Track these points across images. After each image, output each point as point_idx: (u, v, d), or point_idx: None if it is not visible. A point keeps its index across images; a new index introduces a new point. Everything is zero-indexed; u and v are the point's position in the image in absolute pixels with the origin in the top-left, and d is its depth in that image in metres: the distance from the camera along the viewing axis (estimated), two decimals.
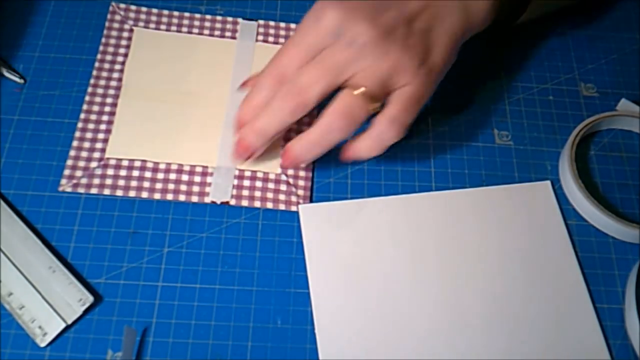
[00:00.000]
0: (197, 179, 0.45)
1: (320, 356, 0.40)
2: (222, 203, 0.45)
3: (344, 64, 0.40)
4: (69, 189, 0.44)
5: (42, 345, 0.39)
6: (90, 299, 0.40)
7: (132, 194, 0.44)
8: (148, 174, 0.45)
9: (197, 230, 0.44)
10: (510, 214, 0.45)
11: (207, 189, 0.45)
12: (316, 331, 0.41)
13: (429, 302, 0.42)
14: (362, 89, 0.39)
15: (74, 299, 0.40)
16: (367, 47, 0.39)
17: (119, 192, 0.44)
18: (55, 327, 0.40)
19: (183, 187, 0.45)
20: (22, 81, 0.48)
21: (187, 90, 0.49)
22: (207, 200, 0.44)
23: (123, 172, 0.45)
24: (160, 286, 0.42)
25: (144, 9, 0.52)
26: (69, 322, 0.40)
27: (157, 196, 0.44)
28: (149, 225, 0.44)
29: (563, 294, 0.43)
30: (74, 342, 0.40)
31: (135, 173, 0.45)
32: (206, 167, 0.46)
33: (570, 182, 0.46)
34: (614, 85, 0.52)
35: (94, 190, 0.44)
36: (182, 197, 0.44)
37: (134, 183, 0.44)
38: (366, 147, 0.41)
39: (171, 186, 0.45)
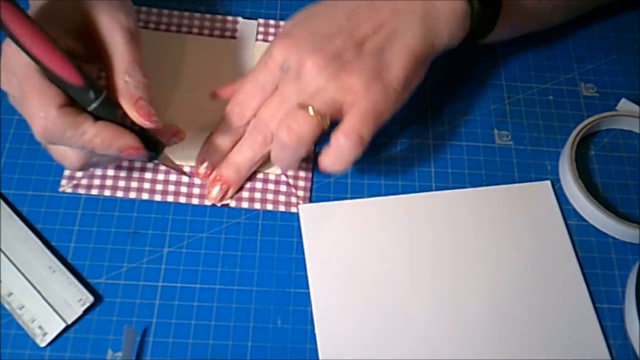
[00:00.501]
0: (198, 180, 0.45)
1: (320, 356, 0.40)
2: (222, 205, 0.45)
3: (295, 93, 0.42)
4: (69, 190, 0.44)
5: (42, 345, 0.39)
6: (90, 299, 0.40)
7: (132, 195, 0.44)
8: (148, 175, 0.45)
9: (197, 231, 0.44)
10: (510, 214, 0.45)
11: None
12: (316, 331, 0.41)
13: (428, 301, 0.42)
14: (309, 107, 0.40)
15: (74, 299, 0.40)
16: (312, 74, 0.41)
17: (120, 194, 0.44)
18: (55, 327, 0.40)
19: (183, 189, 0.45)
20: None
21: (187, 90, 0.49)
22: (208, 202, 0.44)
23: (123, 173, 0.45)
24: (160, 286, 0.42)
25: (144, 8, 0.52)
26: (69, 322, 0.40)
27: (157, 198, 0.44)
28: (149, 225, 0.44)
29: (563, 294, 0.43)
30: (74, 342, 0.40)
31: (136, 174, 0.45)
32: None
33: (570, 182, 0.46)
34: (614, 85, 0.52)
35: (94, 192, 0.44)
36: (182, 199, 0.44)
37: (134, 184, 0.44)
38: (329, 161, 0.41)
39: (171, 188, 0.45)
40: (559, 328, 0.42)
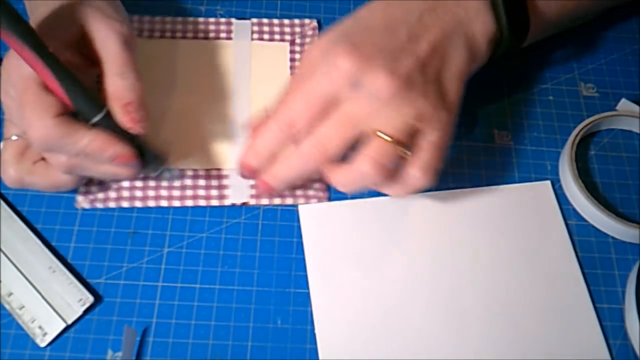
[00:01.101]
0: (214, 182, 0.45)
1: (320, 356, 0.40)
2: (242, 204, 0.45)
3: (367, 116, 0.39)
4: (86, 206, 0.44)
5: (42, 345, 0.39)
6: (90, 299, 0.40)
7: (151, 203, 0.44)
8: (152, 183, 0.45)
9: (197, 230, 0.44)
10: (510, 214, 0.45)
11: (226, 192, 0.45)
12: (316, 331, 0.41)
13: (428, 302, 0.42)
14: (392, 138, 0.38)
15: (74, 299, 0.40)
16: (390, 99, 0.38)
17: (138, 204, 0.44)
18: (55, 327, 0.40)
19: (201, 192, 0.44)
20: None
21: (187, 94, 0.48)
22: (227, 202, 0.44)
23: (139, 184, 0.44)
24: (160, 286, 0.42)
25: (135, 17, 0.51)
26: (69, 322, 0.40)
27: (176, 203, 0.44)
28: (149, 225, 0.44)
29: (563, 294, 0.43)
30: (74, 342, 0.40)
31: (152, 183, 0.44)
32: (220, 169, 0.45)
33: (570, 182, 0.46)
34: (614, 85, 0.52)
35: (111, 204, 0.44)
36: (202, 202, 0.44)
37: (151, 193, 0.44)
38: (396, 192, 0.41)
39: (189, 192, 0.44)
40: (559, 328, 0.42)
